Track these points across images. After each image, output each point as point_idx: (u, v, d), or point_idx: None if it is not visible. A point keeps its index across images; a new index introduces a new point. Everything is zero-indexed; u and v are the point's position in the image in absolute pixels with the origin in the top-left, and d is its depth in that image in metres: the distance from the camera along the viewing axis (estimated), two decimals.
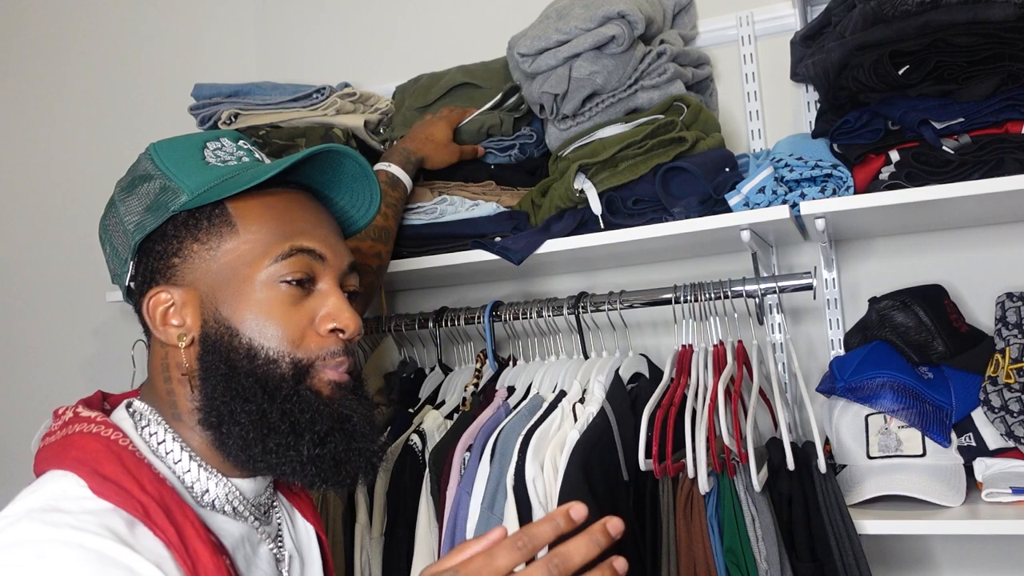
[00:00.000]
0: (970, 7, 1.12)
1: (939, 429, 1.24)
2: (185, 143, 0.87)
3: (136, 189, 0.84)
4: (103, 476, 0.72)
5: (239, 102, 1.55)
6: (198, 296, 0.82)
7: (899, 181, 1.18)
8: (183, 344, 0.81)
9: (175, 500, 0.75)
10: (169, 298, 0.82)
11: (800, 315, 1.52)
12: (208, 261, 0.82)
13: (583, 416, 1.21)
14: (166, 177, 0.83)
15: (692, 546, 1.11)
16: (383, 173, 1.38)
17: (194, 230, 0.83)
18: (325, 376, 0.82)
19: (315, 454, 0.79)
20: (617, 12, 1.30)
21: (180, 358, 0.82)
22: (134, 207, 0.84)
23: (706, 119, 1.34)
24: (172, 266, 0.83)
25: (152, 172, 0.84)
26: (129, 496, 0.72)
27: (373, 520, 1.25)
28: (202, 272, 0.82)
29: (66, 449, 0.76)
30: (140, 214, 0.83)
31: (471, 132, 1.45)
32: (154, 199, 0.83)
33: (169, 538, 0.71)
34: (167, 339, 0.82)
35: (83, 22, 2.14)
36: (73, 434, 0.77)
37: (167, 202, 0.82)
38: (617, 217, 1.31)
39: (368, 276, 1.28)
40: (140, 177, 0.85)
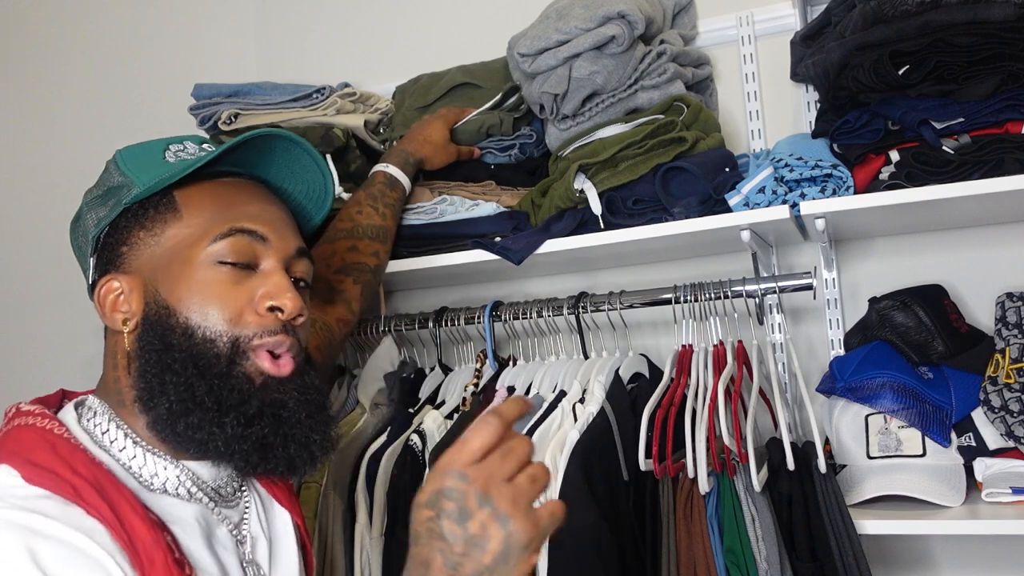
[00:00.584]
0: (970, 7, 1.12)
1: (939, 429, 1.24)
2: (149, 147, 0.90)
3: (102, 193, 0.89)
4: (34, 464, 0.73)
5: (239, 102, 1.55)
6: (142, 281, 0.84)
7: (899, 181, 1.18)
8: (127, 329, 0.83)
9: (110, 480, 0.75)
10: (118, 286, 0.84)
11: (800, 315, 1.52)
12: (152, 247, 0.85)
13: (583, 416, 1.21)
14: (125, 176, 0.87)
15: (692, 546, 1.11)
16: (381, 174, 1.38)
17: (141, 219, 0.85)
18: (263, 364, 0.83)
19: (238, 434, 0.80)
20: (617, 12, 1.30)
21: (124, 344, 0.83)
22: (96, 207, 0.88)
23: (706, 119, 1.34)
24: (121, 255, 0.85)
25: (116, 176, 0.87)
26: (60, 480, 0.72)
27: (373, 520, 1.25)
28: (147, 258, 0.84)
29: (3, 443, 0.77)
30: (98, 212, 0.87)
31: (471, 132, 1.45)
32: (110, 196, 0.87)
33: (103, 515, 0.72)
34: (113, 325, 0.84)
35: (83, 22, 2.14)
36: (12, 428, 0.78)
37: (120, 197, 0.85)
38: (617, 217, 1.31)
39: (365, 275, 1.28)
40: (106, 183, 0.89)
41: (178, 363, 0.80)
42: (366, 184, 1.38)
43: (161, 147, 0.90)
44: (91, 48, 2.12)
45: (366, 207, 1.33)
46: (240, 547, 0.86)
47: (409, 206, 1.43)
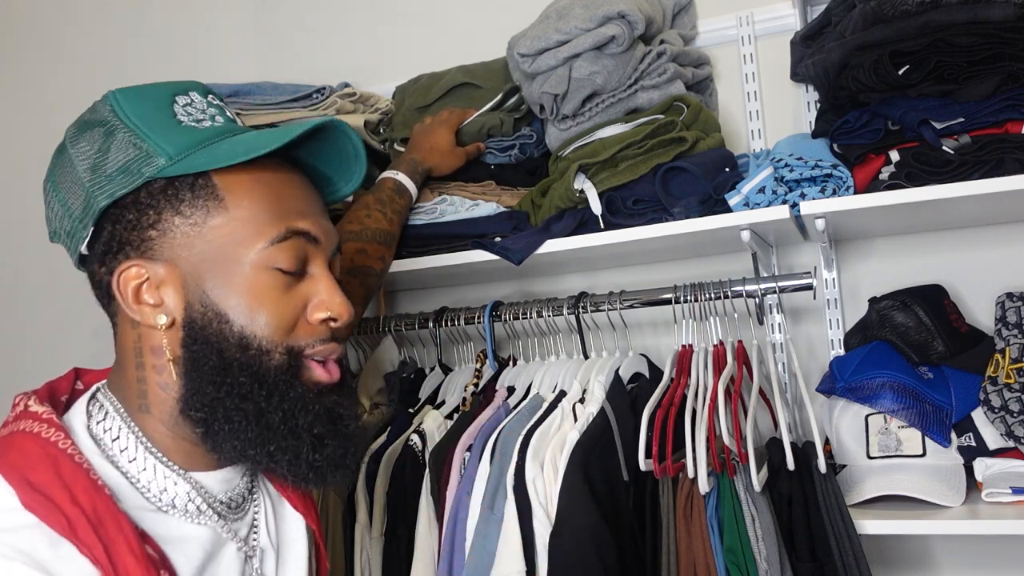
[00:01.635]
0: (970, 7, 1.12)
1: (939, 429, 1.24)
2: (153, 94, 0.79)
3: (94, 140, 0.77)
4: (32, 486, 0.68)
5: (239, 102, 1.55)
6: (180, 274, 0.76)
7: (899, 181, 1.18)
8: (162, 325, 0.75)
9: (110, 511, 0.70)
10: (144, 273, 0.75)
11: (800, 315, 1.52)
12: (192, 237, 0.76)
13: (583, 416, 1.21)
14: (134, 134, 0.76)
15: (692, 546, 1.11)
16: (391, 180, 1.38)
17: (174, 201, 0.76)
18: (315, 373, 0.79)
19: (314, 459, 0.76)
20: (617, 12, 1.30)
21: (157, 341, 0.76)
22: (98, 168, 0.76)
23: (706, 119, 1.34)
24: (148, 239, 0.76)
25: (113, 122, 0.76)
26: (56, 510, 0.67)
27: (373, 520, 1.25)
28: (184, 248, 0.76)
29: (6, 450, 0.71)
30: (101, 175, 0.76)
31: (471, 133, 1.45)
32: (124, 161, 0.75)
33: (95, 555, 0.67)
34: (141, 319, 0.76)
35: (83, 22, 2.14)
36: (16, 432, 0.72)
37: (140, 167, 0.75)
38: (617, 217, 1.31)
39: (371, 279, 1.27)
40: (99, 125, 0.77)
41: (243, 386, 0.75)
42: (375, 189, 1.38)
43: (167, 97, 0.79)
44: (91, 48, 2.12)
45: (375, 211, 1.33)
46: (248, 562, 0.83)
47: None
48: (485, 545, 1.12)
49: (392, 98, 1.65)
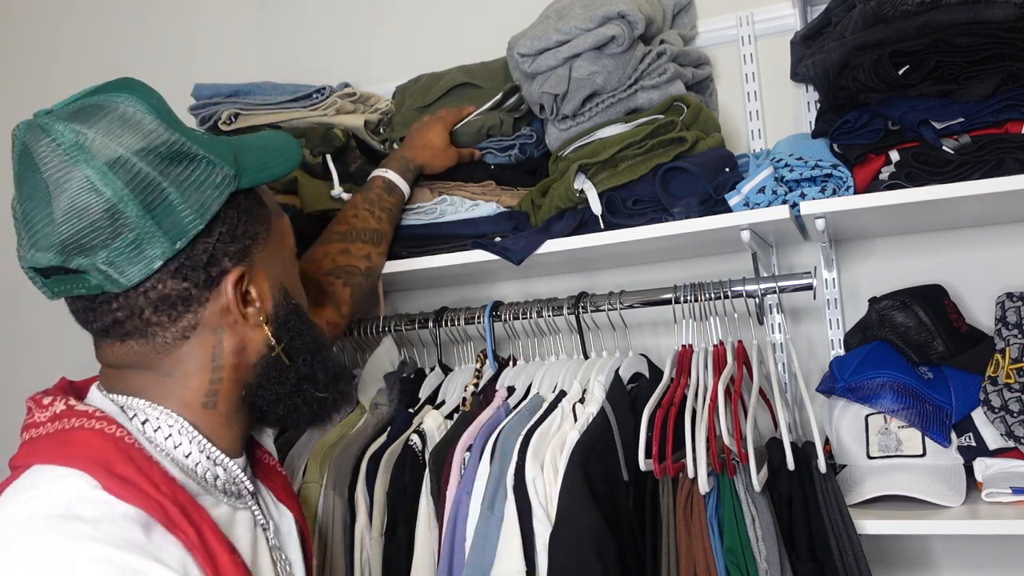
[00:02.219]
0: (970, 7, 1.12)
1: (939, 429, 1.24)
2: (161, 99, 0.83)
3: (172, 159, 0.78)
4: (118, 476, 0.70)
5: (239, 102, 1.55)
6: (267, 276, 0.87)
7: (899, 181, 1.18)
8: (261, 321, 0.85)
9: (187, 499, 0.75)
10: (248, 280, 0.85)
11: (800, 315, 1.52)
12: (266, 240, 0.87)
13: (583, 416, 1.21)
14: (196, 145, 0.80)
15: (692, 546, 1.11)
16: (380, 179, 1.38)
17: (247, 208, 0.85)
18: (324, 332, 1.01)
19: (336, 403, 0.94)
20: (617, 12, 1.30)
21: (250, 339, 0.85)
22: (182, 182, 0.79)
23: (706, 119, 1.34)
24: (246, 248, 0.84)
25: (194, 148, 0.80)
26: (147, 497, 0.70)
27: (373, 520, 1.25)
28: (264, 251, 0.87)
29: (66, 445, 0.73)
30: (193, 191, 0.79)
31: (471, 133, 1.45)
32: (204, 174, 0.80)
33: (189, 539, 0.71)
34: (248, 321, 0.84)
35: (83, 22, 2.14)
36: (71, 429, 0.74)
37: (218, 180, 0.81)
38: (617, 217, 1.31)
39: (355, 278, 1.28)
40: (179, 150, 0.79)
41: (309, 349, 0.90)
42: (364, 188, 1.38)
43: (176, 118, 0.83)
44: (91, 48, 2.12)
45: (362, 210, 1.34)
46: (271, 552, 0.88)
47: (409, 206, 1.43)
48: (485, 545, 1.12)
49: (392, 98, 1.65)
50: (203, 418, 0.83)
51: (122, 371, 0.83)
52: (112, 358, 0.83)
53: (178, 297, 0.80)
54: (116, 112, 0.77)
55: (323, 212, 1.44)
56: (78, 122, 0.76)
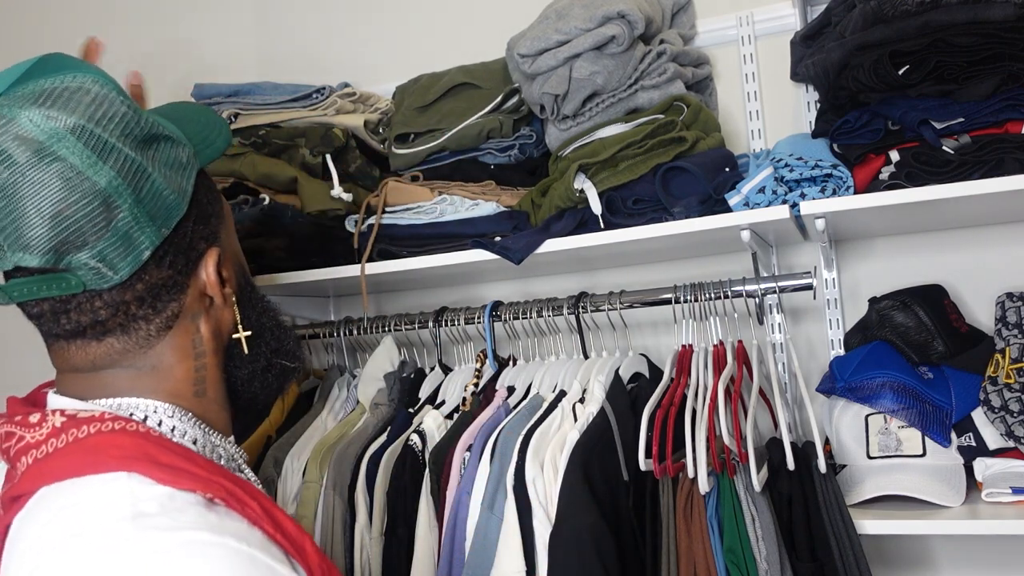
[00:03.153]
0: (970, 7, 1.12)
1: (939, 429, 1.24)
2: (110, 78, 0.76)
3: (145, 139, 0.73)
4: (166, 465, 0.66)
5: (239, 102, 1.55)
6: (228, 255, 0.82)
7: (899, 181, 1.18)
8: (233, 302, 0.82)
9: (233, 476, 0.70)
10: (220, 260, 0.80)
11: (800, 315, 1.52)
12: (223, 217, 0.82)
13: (583, 416, 1.21)
14: (160, 124, 0.75)
15: (692, 546, 1.11)
16: None
17: (206, 187, 0.80)
18: None
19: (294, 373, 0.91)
20: (617, 12, 1.30)
21: (222, 324, 0.81)
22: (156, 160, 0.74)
23: (706, 119, 1.34)
24: (212, 225, 0.80)
25: (139, 115, 0.73)
26: (202, 480, 0.66)
27: (373, 520, 1.25)
28: (223, 229, 0.82)
29: (92, 453, 0.67)
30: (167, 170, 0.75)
31: (471, 136, 1.45)
32: (175, 153, 0.76)
33: (256, 512, 0.67)
34: (225, 303, 0.81)
35: (84, 22, 2.14)
36: (86, 438, 0.68)
37: (184, 160, 0.77)
38: (617, 217, 1.31)
39: None
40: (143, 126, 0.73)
41: (272, 325, 0.87)
42: None
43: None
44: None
45: None
46: None
47: (409, 206, 1.43)
48: (485, 545, 1.12)
49: (392, 98, 1.65)
50: (198, 406, 0.79)
51: (96, 374, 0.75)
52: (83, 361, 0.75)
53: (163, 286, 0.75)
54: (88, 94, 0.71)
55: (323, 212, 1.44)
56: (50, 107, 0.68)
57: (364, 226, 1.45)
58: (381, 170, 1.56)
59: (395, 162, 1.51)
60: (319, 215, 1.44)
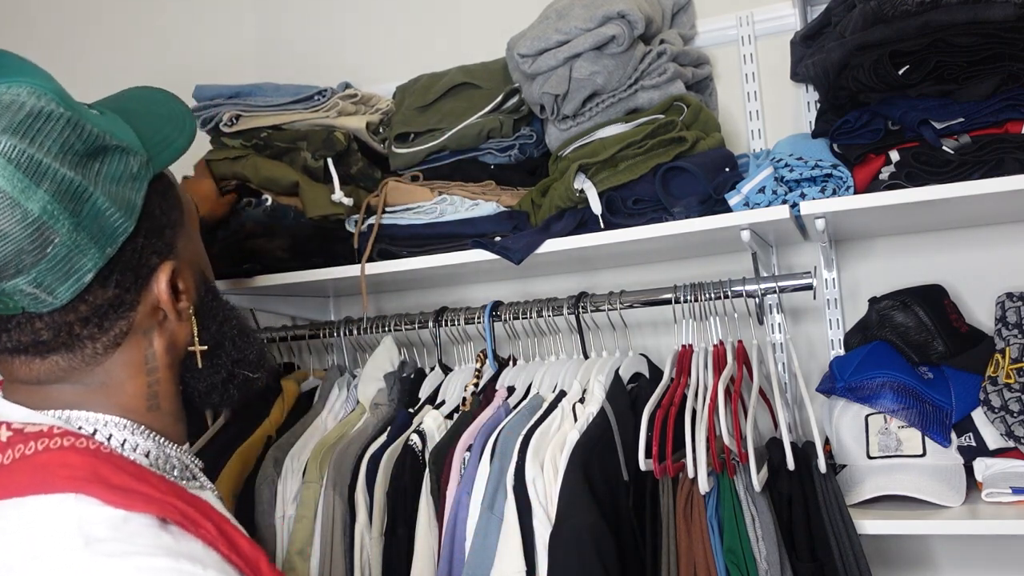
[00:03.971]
0: (970, 7, 1.12)
1: (939, 429, 1.24)
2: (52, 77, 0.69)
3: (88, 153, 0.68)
4: (116, 487, 0.62)
5: (240, 103, 1.55)
6: (187, 265, 0.78)
7: (899, 181, 1.18)
8: (191, 315, 0.77)
9: (187, 495, 0.68)
10: (176, 273, 0.75)
11: (800, 315, 1.52)
12: (182, 224, 0.78)
13: (583, 416, 1.21)
14: (113, 138, 0.70)
15: (692, 546, 1.11)
16: None
17: (161, 195, 0.75)
18: None
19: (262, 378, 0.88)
20: (617, 12, 1.30)
21: (178, 338, 0.77)
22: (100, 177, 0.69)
23: (706, 119, 1.34)
24: (166, 237, 0.75)
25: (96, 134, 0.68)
26: (155, 501, 0.63)
27: (373, 520, 1.25)
28: (180, 238, 0.77)
29: (39, 472, 0.63)
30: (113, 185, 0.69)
31: (471, 136, 1.45)
32: (123, 165, 0.70)
33: (210, 532, 0.64)
34: (180, 317, 0.76)
35: (84, 22, 2.14)
36: (34, 454, 0.64)
37: (135, 170, 0.71)
38: (617, 217, 1.31)
39: None
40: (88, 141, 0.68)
41: (235, 333, 0.83)
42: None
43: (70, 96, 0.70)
44: (92, 48, 2.12)
45: None
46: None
47: (409, 206, 1.43)
48: (485, 545, 1.12)
49: (392, 98, 1.65)
50: (151, 420, 0.75)
51: (43, 387, 0.72)
52: (27, 375, 0.72)
53: (110, 306, 0.71)
54: (22, 109, 0.64)
55: (324, 217, 1.44)
56: None
57: (364, 226, 1.45)
58: (382, 171, 1.55)
59: (395, 162, 1.51)
60: (321, 220, 1.44)
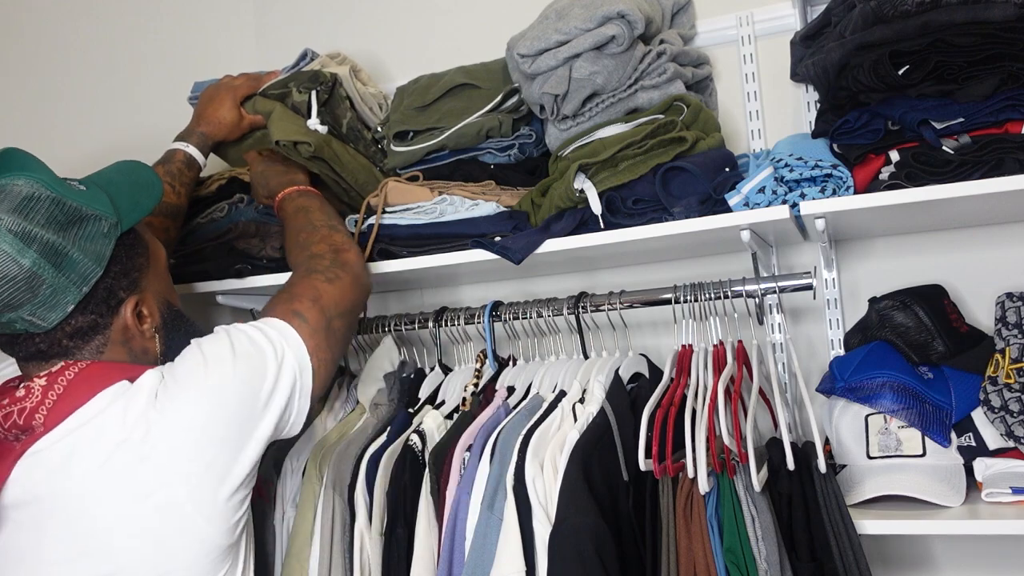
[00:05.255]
0: (970, 7, 1.12)
1: (939, 429, 1.24)
2: (59, 180, 1.02)
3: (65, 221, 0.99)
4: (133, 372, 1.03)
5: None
6: (152, 296, 1.11)
7: (899, 181, 1.18)
8: (154, 334, 1.11)
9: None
10: (140, 303, 1.08)
11: (800, 315, 1.52)
12: (148, 267, 1.10)
13: (583, 416, 1.21)
14: (87, 208, 1.01)
15: (692, 546, 1.11)
16: (182, 153, 1.49)
17: (129, 246, 1.07)
18: None
19: None
20: (617, 12, 1.30)
21: (148, 349, 1.10)
22: (79, 241, 1.01)
23: (706, 119, 1.34)
24: (135, 279, 1.08)
25: (74, 207, 1.00)
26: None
27: (373, 520, 1.25)
28: (146, 276, 1.10)
29: (93, 379, 1.00)
30: (88, 245, 1.01)
31: (470, 135, 1.45)
32: (96, 228, 1.02)
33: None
34: (143, 335, 1.09)
35: (84, 22, 2.14)
36: (79, 375, 1.01)
37: (106, 230, 1.03)
38: (617, 217, 1.31)
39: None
40: (66, 214, 1.00)
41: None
42: (164, 160, 1.48)
43: (60, 180, 1.02)
44: (92, 47, 2.12)
45: (164, 185, 1.39)
46: None
47: (409, 206, 1.43)
48: (485, 545, 1.12)
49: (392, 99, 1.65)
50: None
51: None
52: (39, 373, 1.02)
53: (88, 327, 1.03)
54: (17, 193, 0.97)
55: (293, 144, 1.43)
56: None
57: (364, 226, 1.45)
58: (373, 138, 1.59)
59: (393, 160, 1.51)
60: (289, 147, 1.43)
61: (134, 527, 0.94)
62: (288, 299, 1.14)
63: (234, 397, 1.00)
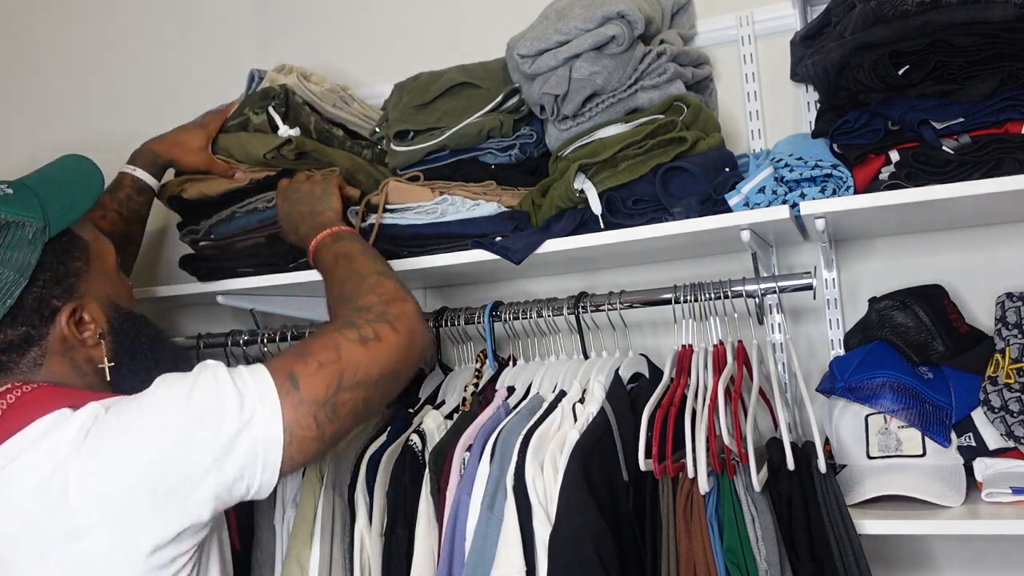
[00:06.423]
0: (970, 7, 1.12)
1: (939, 429, 1.24)
2: None
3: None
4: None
5: None
6: (95, 299, 1.02)
7: (899, 181, 1.18)
8: (98, 340, 1.01)
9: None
10: (80, 310, 1.00)
11: (800, 315, 1.52)
12: (88, 270, 1.02)
13: (583, 416, 1.21)
14: (14, 215, 0.94)
15: (692, 546, 1.11)
16: (129, 178, 1.47)
17: (61, 251, 0.98)
18: None
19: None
20: (617, 12, 1.30)
21: (94, 357, 1.01)
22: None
23: (706, 119, 1.34)
24: (70, 285, 0.99)
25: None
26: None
27: (373, 520, 1.25)
28: (85, 281, 1.01)
29: (34, 405, 0.90)
30: (10, 254, 0.93)
31: (471, 135, 1.45)
32: (19, 235, 0.94)
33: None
34: (85, 344, 1.00)
35: (84, 21, 2.14)
36: (20, 399, 0.92)
37: (30, 237, 0.95)
38: (617, 217, 1.31)
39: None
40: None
41: (147, 344, 1.07)
42: (113, 186, 1.45)
43: None
44: (90, 48, 2.12)
45: (110, 211, 1.42)
46: None
47: (410, 205, 1.43)
48: (485, 545, 1.12)
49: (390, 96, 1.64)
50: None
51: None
52: None
53: (21, 340, 0.96)
54: None
55: (276, 151, 1.48)
56: None
57: (364, 224, 1.45)
58: (345, 131, 1.61)
59: (393, 159, 1.51)
60: (276, 157, 1.47)
61: (52, 572, 0.84)
62: (296, 354, 0.98)
63: (168, 456, 0.87)
